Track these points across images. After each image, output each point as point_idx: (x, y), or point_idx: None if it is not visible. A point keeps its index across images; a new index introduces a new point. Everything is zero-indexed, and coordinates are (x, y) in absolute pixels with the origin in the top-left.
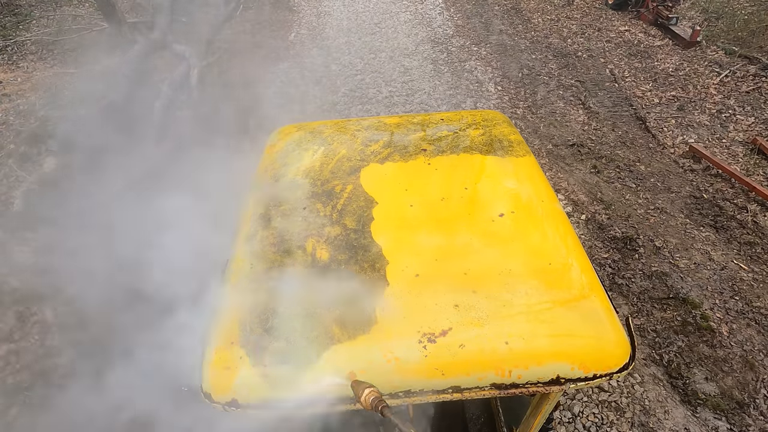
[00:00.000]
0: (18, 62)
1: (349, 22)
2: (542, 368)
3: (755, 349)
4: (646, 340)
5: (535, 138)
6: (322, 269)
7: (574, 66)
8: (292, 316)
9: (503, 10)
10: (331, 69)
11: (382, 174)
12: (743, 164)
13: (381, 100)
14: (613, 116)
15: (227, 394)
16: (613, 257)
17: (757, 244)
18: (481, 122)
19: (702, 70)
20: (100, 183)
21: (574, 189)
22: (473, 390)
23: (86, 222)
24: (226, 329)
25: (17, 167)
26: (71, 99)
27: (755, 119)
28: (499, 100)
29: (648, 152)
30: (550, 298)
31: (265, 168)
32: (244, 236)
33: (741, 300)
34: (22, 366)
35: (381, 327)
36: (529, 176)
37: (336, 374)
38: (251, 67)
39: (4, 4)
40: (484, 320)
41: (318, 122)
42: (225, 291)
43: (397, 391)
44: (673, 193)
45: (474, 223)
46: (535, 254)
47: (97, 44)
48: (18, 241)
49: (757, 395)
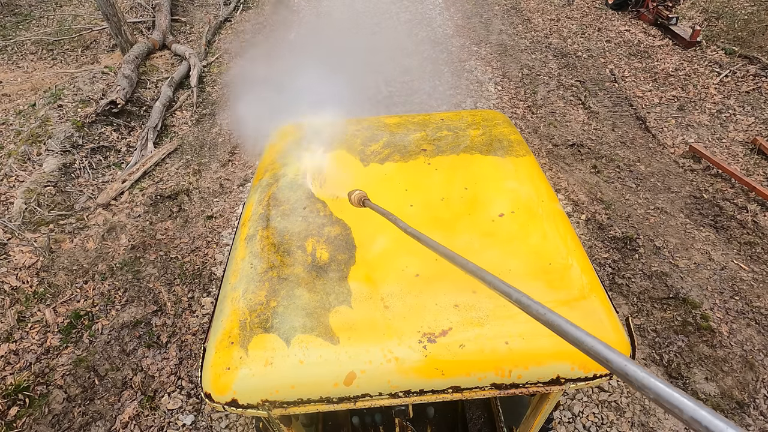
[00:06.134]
0: (18, 62)
1: (349, 23)
2: (542, 368)
3: (755, 349)
4: (646, 340)
5: (535, 138)
6: (322, 269)
7: (574, 66)
8: (292, 316)
9: (503, 10)
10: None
11: (382, 174)
12: (743, 164)
13: (381, 100)
14: (613, 116)
15: (227, 394)
16: (613, 257)
17: (757, 244)
18: (481, 122)
19: (702, 70)
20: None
21: (574, 189)
22: (473, 390)
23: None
24: (226, 329)
25: (17, 167)
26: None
27: (755, 119)
28: (499, 100)
29: (648, 152)
30: (550, 298)
31: (265, 168)
32: (244, 236)
33: (741, 300)
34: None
35: (381, 327)
36: (529, 176)
37: (336, 374)
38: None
39: (4, 4)
40: (484, 320)
41: (318, 122)
42: (225, 291)
43: (397, 391)
44: (673, 193)
45: (474, 223)
46: (535, 254)
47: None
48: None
49: (757, 395)
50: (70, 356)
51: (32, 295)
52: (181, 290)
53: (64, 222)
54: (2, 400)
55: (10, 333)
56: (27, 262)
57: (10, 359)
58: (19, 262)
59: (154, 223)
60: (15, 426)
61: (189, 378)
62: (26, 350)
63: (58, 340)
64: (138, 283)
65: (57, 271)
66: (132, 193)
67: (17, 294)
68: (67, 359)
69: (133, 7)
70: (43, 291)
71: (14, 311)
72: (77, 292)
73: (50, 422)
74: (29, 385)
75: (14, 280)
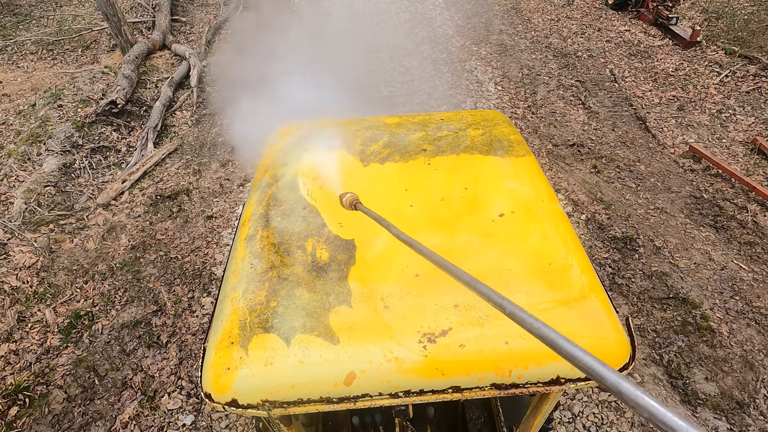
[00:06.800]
0: (18, 62)
1: (349, 23)
2: (542, 368)
3: (755, 349)
4: (646, 340)
5: (535, 138)
6: (322, 269)
7: (574, 66)
8: (292, 316)
9: (503, 10)
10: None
11: (382, 174)
12: (743, 164)
13: (381, 100)
14: (613, 116)
15: (227, 394)
16: (613, 257)
17: (757, 244)
18: (481, 122)
19: (702, 70)
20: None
21: (574, 189)
22: (473, 390)
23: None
24: (226, 329)
25: (17, 167)
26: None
27: (755, 119)
28: (499, 100)
29: (648, 152)
30: (550, 298)
31: (265, 168)
32: (244, 236)
33: (741, 300)
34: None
35: (381, 327)
36: (529, 176)
37: (336, 374)
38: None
39: (4, 4)
40: (484, 320)
41: (318, 122)
42: (225, 291)
43: (397, 391)
44: (673, 193)
45: (474, 223)
46: (535, 254)
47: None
48: None
49: (757, 395)
50: (70, 356)
51: (32, 295)
52: (181, 290)
53: (64, 222)
54: (2, 400)
55: (10, 333)
56: (27, 262)
57: (10, 359)
58: (19, 262)
59: (154, 223)
60: (15, 426)
61: (189, 378)
62: (26, 350)
63: (58, 340)
64: (138, 283)
65: (57, 271)
66: (132, 193)
67: (17, 294)
68: (67, 359)
69: (133, 7)
70: (43, 291)
71: (14, 311)
72: (77, 292)
73: (50, 422)
74: (29, 385)
75: (14, 280)
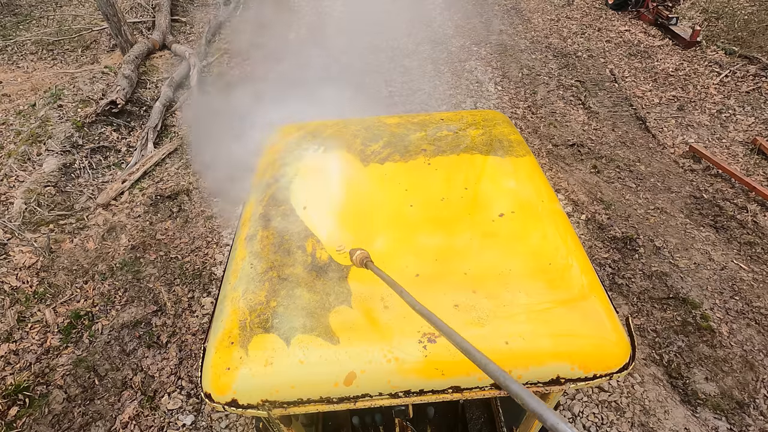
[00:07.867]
0: (18, 62)
1: (349, 23)
2: (542, 368)
3: (755, 349)
4: (646, 340)
5: (535, 138)
6: (322, 269)
7: (574, 66)
8: (292, 316)
9: (503, 10)
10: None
11: (382, 174)
12: (743, 164)
13: (381, 100)
14: (613, 116)
15: (227, 394)
16: (613, 257)
17: (757, 244)
18: (481, 122)
19: (702, 70)
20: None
21: (574, 189)
22: (473, 390)
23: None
24: (226, 329)
25: (17, 167)
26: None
27: (755, 119)
28: (499, 100)
29: (648, 152)
30: (550, 298)
31: (265, 168)
32: (244, 236)
33: (741, 300)
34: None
35: (381, 327)
36: (529, 176)
37: (336, 374)
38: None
39: (4, 4)
40: (484, 320)
41: (318, 122)
42: (225, 291)
43: (397, 391)
44: (673, 193)
45: (474, 223)
46: (535, 254)
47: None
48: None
49: (757, 395)
50: (70, 356)
51: (32, 295)
52: (181, 290)
53: (64, 222)
54: (2, 400)
55: (10, 333)
56: (27, 262)
57: (10, 359)
58: (19, 262)
59: (154, 223)
60: (15, 426)
61: (189, 378)
62: (26, 350)
63: (58, 340)
64: (138, 283)
65: (57, 271)
66: (132, 193)
67: (17, 294)
68: (67, 359)
69: (133, 7)
70: (43, 291)
71: (14, 311)
72: (77, 292)
73: (50, 422)
74: (29, 385)
75: (14, 280)
